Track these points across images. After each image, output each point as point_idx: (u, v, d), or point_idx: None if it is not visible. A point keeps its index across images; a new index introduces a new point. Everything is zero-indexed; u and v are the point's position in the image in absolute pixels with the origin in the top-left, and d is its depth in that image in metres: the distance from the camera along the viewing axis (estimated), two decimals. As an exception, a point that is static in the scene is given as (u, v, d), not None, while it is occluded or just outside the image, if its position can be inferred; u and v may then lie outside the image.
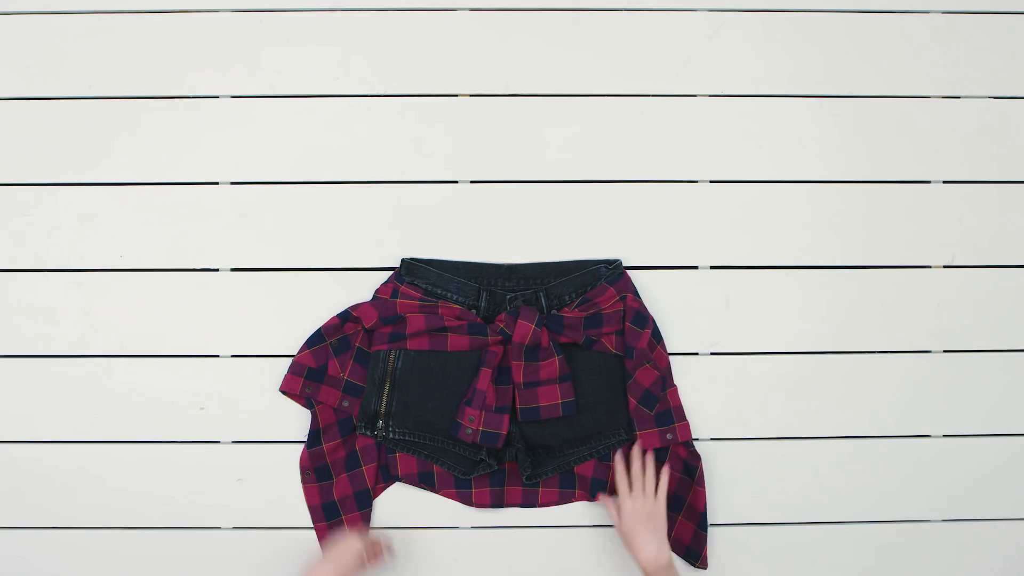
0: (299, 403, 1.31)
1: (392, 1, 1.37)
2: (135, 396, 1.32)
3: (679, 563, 1.30)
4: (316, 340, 1.29)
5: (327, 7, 1.37)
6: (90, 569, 1.31)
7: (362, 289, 1.33)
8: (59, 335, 1.33)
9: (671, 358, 1.32)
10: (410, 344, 1.28)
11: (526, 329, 1.24)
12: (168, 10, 1.37)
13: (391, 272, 1.33)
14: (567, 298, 1.29)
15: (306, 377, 1.28)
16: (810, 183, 1.36)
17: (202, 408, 1.33)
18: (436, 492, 1.30)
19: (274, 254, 1.34)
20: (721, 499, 1.32)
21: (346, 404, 1.29)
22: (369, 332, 1.29)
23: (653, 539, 1.20)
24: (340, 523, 1.29)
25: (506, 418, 1.25)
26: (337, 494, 1.29)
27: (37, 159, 1.35)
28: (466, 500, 1.30)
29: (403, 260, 1.31)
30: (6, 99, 1.35)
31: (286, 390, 1.28)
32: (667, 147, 1.36)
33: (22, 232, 1.34)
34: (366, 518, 1.30)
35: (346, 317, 1.29)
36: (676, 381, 1.32)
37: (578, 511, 1.31)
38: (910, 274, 1.36)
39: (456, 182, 1.35)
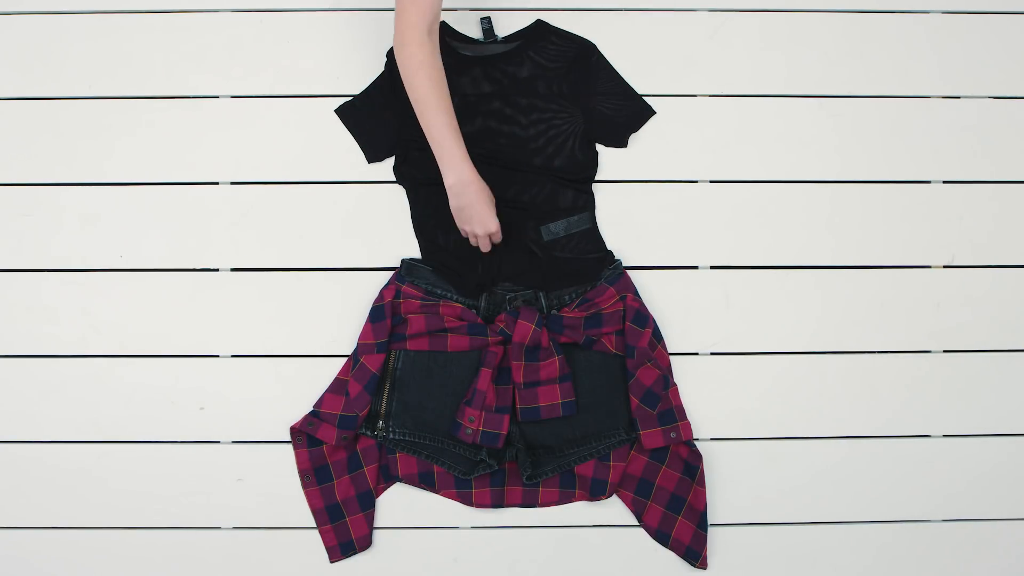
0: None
1: (392, 1, 1.37)
2: (135, 396, 1.32)
3: (679, 563, 1.30)
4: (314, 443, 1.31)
5: (327, 7, 1.37)
6: (90, 569, 1.31)
7: (361, 289, 1.33)
8: (60, 335, 1.33)
9: (671, 358, 1.32)
10: (410, 345, 1.28)
11: (526, 329, 1.24)
12: (168, 10, 1.37)
13: (387, 272, 1.33)
14: (567, 298, 1.29)
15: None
16: (810, 183, 1.36)
17: (202, 408, 1.33)
18: (436, 492, 1.30)
19: (274, 254, 1.34)
20: (721, 499, 1.33)
21: (344, 439, 1.28)
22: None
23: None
24: (344, 525, 1.29)
25: (506, 418, 1.25)
26: (340, 496, 1.29)
27: (38, 159, 1.35)
28: (466, 500, 1.30)
29: (403, 260, 1.31)
30: (7, 99, 1.35)
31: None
32: (667, 147, 1.36)
33: (23, 232, 1.34)
34: (370, 519, 1.30)
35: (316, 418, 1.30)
36: (676, 381, 1.32)
37: (578, 511, 1.31)
38: (910, 274, 1.36)
39: (456, 182, 1.35)
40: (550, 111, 1.32)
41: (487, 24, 1.34)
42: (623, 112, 1.34)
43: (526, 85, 1.33)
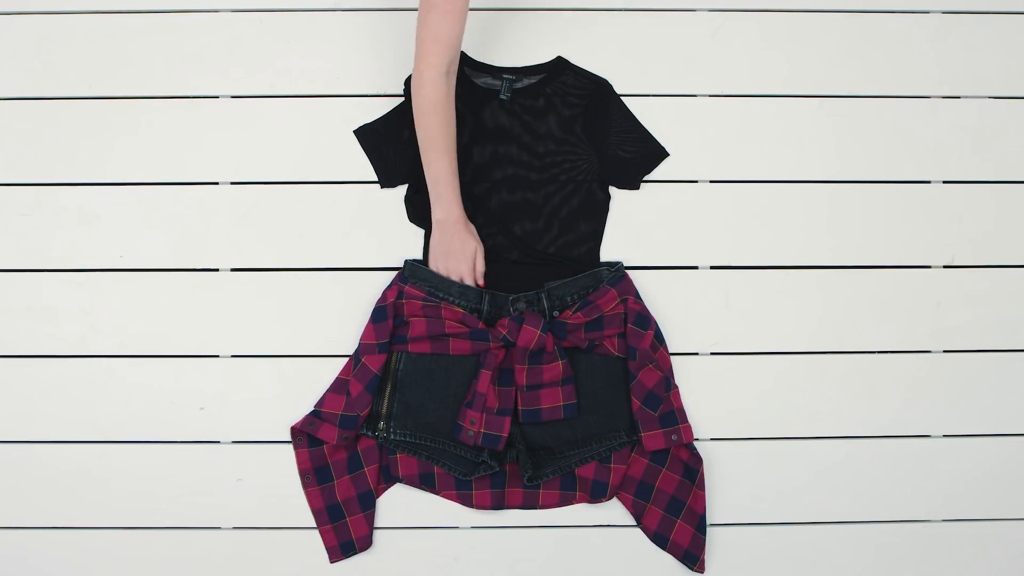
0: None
1: (392, 1, 1.37)
2: (135, 396, 1.32)
3: (680, 564, 1.30)
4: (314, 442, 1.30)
5: (327, 7, 1.37)
6: (90, 569, 1.31)
7: (362, 289, 1.33)
8: (60, 335, 1.33)
9: (672, 358, 1.32)
10: (411, 347, 1.28)
11: (531, 334, 1.24)
12: (169, 10, 1.37)
13: (388, 272, 1.33)
14: (569, 299, 1.29)
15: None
16: (810, 183, 1.36)
17: (202, 408, 1.33)
18: (436, 493, 1.30)
19: (274, 254, 1.34)
20: (721, 499, 1.32)
21: (345, 439, 1.28)
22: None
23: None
24: (344, 525, 1.29)
25: (507, 420, 1.25)
26: (340, 496, 1.29)
27: (38, 159, 1.35)
28: (466, 502, 1.29)
29: (406, 261, 1.31)
30: (7, 99, 1.35)
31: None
32: (667, 147, 1.36)
33: (23, 232, 1.34)
34: (370, 519, 1.30)
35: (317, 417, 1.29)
36: (676, 381, 1.32)
37: (579, 511, 1.31)
38: (910, 274, 1.36)
39: (456, 182, 1.35)
40: (563, 153, 1.33)
41: (508, 84, 1.34)
42: (637, 154, 1.34)
43: (542, 124, 1.33)
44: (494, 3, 1.37)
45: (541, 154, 1.33)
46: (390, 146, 1.34)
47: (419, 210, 1.33)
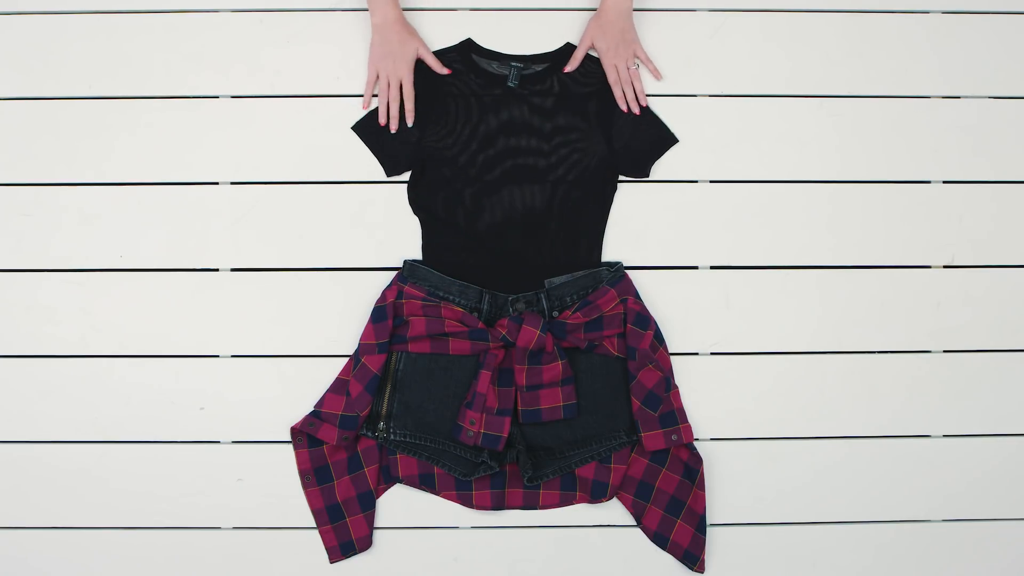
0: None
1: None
2: (135, 396, 1.32)
3: (677, 566, 1.30)
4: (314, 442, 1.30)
5: (327, 7, 1.37)
6: (90, 569, 1.31)
7: (361, 289, 1.33)
8: (60, 335, 1.33)
9: (672, 358, 1.32)
10: (411, 347, 1.28)
11: (531, 335, 1.24)
12: (168, 10, 1.37)
13: (388, 272, 1.33)
14: (568, 300, 1.29)
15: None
16: (810, 183, 1.36)
17: (202, 408, 1.33)
18: (436, 494, 1.30)
19: (274, 254, 1.34)
20: (721, 499, 1.32)
21: (345, 439, 1.28)
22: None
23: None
24: (344, 525, 1.29)
25: (507, 421, 1.25)
26: (340, 496, 1.29)
27: (38, 159, 1.35)
28: (467, 502, 1.29)
29: (406, 261, 1.31)
30: (7, 99, 1.35)
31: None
32: (667, 147, 1.36)
33: (23, 232, 1.34)
34: (370, 519, 1.30)
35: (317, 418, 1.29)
36: (676, 381, 1.32)
37: (579, 511, 1.31)
38: (910, 274, 1.36)
39: (456, 182, 1.35)
40: (572, 138, 1.33)
41: (517, 72, 1.34)
42: (647, 140, 1.34)
43: (550, 111, 1.33)
44: (500, 4, 1.37)
45: (548, 141, 1.33)
46: (388, 135, 1.34)
47: (422, 199, 1.32)
